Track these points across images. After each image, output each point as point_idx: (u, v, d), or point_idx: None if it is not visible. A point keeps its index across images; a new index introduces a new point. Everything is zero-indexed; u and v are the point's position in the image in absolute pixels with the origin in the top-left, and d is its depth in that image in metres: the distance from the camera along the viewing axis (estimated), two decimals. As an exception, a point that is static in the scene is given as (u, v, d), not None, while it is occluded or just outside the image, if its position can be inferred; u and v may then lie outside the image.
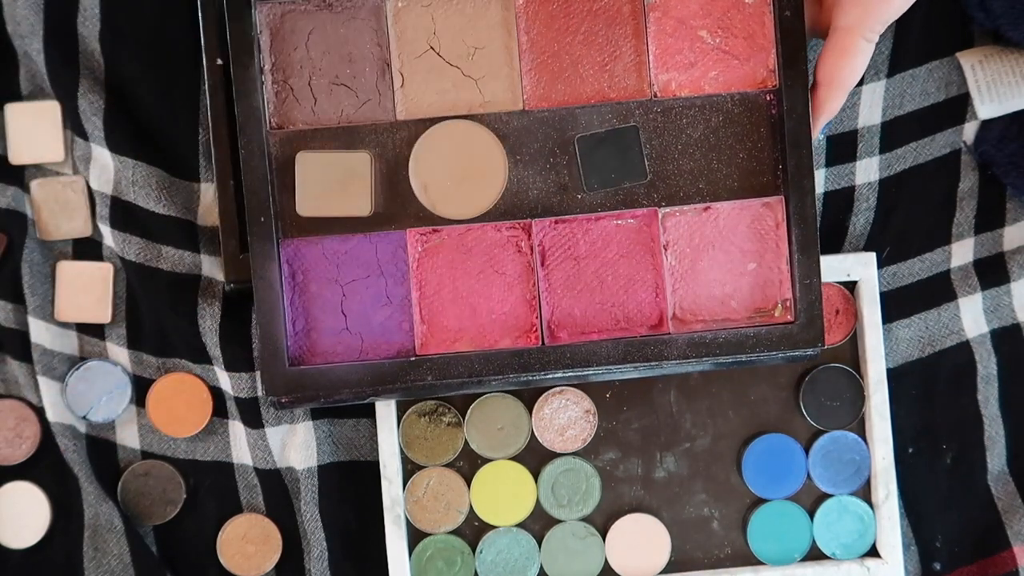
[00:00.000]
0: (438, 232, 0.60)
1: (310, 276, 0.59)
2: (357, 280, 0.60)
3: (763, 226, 0.60)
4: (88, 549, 0.64)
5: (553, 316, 0.60)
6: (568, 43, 0.60)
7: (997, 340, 0.66)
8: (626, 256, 0.60)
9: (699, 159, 0.60)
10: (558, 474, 0.65)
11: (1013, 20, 0.62)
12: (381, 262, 0.60)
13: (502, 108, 0.59)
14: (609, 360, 0.59)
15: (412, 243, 0.60)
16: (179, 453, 0.66)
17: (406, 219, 0.59)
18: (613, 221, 0.60)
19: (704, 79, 0.60)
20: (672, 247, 0.60)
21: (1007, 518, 0.66)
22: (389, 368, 0.59)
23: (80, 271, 0.65)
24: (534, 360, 0.59)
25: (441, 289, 0.60)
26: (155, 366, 0.66)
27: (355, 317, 0.60)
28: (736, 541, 0.65)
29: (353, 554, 0.65)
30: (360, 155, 0.59)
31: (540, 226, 0.60)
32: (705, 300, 0.60)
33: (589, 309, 0.60)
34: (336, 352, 0.59)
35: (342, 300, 0.59)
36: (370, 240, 0.60)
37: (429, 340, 0.60)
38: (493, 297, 0.60)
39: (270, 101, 0.59)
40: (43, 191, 0.65)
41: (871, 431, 0.65)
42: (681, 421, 0.65)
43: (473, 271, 0.60)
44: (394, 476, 0.64)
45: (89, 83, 0.64)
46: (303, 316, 0.59)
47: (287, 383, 0.58)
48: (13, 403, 0.65)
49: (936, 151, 0.66)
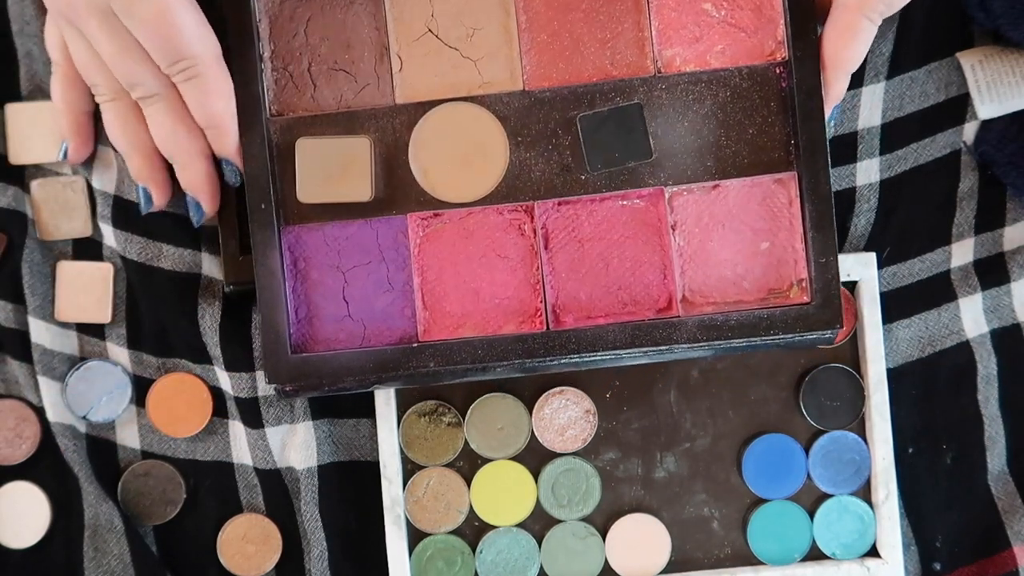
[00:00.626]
0: (439, 216, 0.59)
1: (311, 263, 0.59)
2: (358, 266, 0.59)
3: (775, 204, 0.58)
4: (88, 549, 0.64)
5: (558, 300, 0.59)
6: (568, 20, 0.58)
7: (997, 340, 0.66)
8: (632, 238, 0.58)
9: (706, 136, 0.58)
10: (558, 474, 0.65)
11: (1013, 20, 0.62)
12: (382, 248, 0.59)
13: (502, 89, 0.58)
14: (616, 344, 0.57)
15: (413, 228, 0.59)
16: (179, 453, 0.66)
17: (407, 204, 0.59)
18: (618, 202, 0.58)
19: (710, 53, 0.58)
20: (680, 227, 0.58)
21: (1007, 518, 0.66)
22: (392, 355, 0.58)
23: (80, 271, 0.65)
24: (539, 345, 0.57)
25: (443, 274, 0.59)
26: (155, 366, 0.66)
27: (357, 303, 0.59)
28: (736, 541, 0.65)
29: (353, 554, 0.65)
30: (360, 140, 0.58)
31: (543, 208, 0.58)
32: (716, 282, 0.58)
33: (595, 292, 0.58)
34: (338, 339, 0.59)
35: (344, 287, 0.59)
36: (371, 226, 0.59)
37: (432, 326, 0.59)
38: (496, 282, 0.59)
39: (270, 88, 0.59)
40: (43, 191, 0.65)
41: (871, 431, 0.65)
42: (681, 421, 0.65)
43: (475, 255, 0.59)
44: (394, 476, 0.64)
45: None
46: (305, 303, 0.59)
47: (290, 371, 0.58)
48: (13, 403, 0.65)
49: (936, 152, 0.66)
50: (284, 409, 0.64)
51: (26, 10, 0.64)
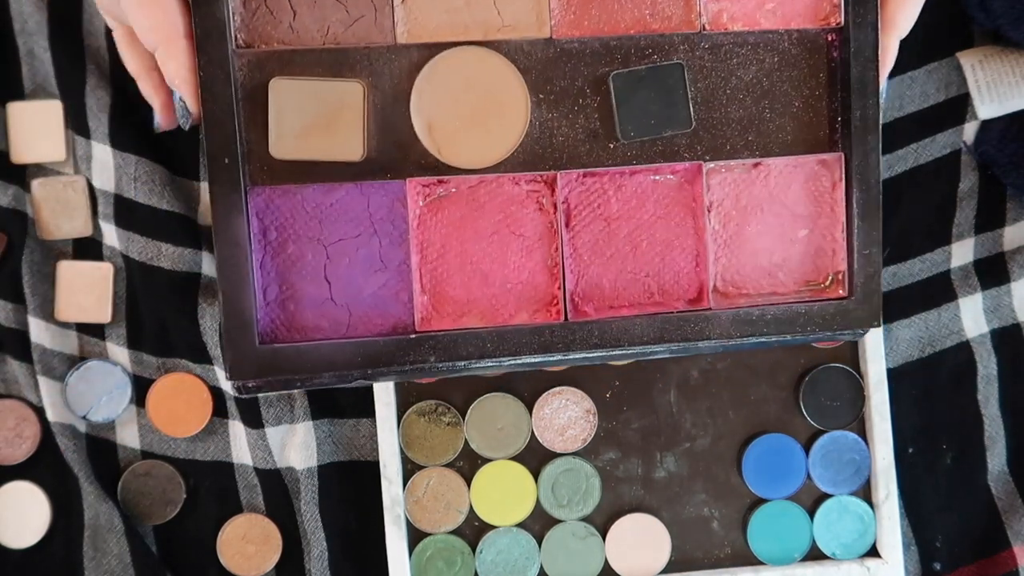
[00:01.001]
0: (444, 183, 0.50)
1: (286, 233, 0.49)
2: (345, 240, 0.50)
3: (818, 187, 0.52)
4: (88, 549, 0.64)
5: (578, 287, 0.51)
6: None
7: (997, 340, 0.66)
8: (664, 218, 0.52)
9: (749, 107, 0.52)
10: (558, 474, 0.65)
11: (1013, 20, 0.62)
12: (374, 218, 0.50)
13: (525, 35, 0.50)
14: (643, 339, 0.51)
15: (413, 196, 0.50)
16: (179, 453, 0.66)
17: (406, 166, 0.50)
18: (650, 176, 0.52)
19: (760, 12, 0.52)
20: (717, 208, 0.52)
21: (1007, 518, 0.66)
22: (384, 347, 0.49)
23: (80, 271, 0.65)
24: (556, 338, 0.50)
25: (447, 252, 0.51)
26: (155, 366, 0.66)
27: (342, 285, 0.50)
28: (736, 541, 0.65)
29: (353, 554, 0.65)
30: (350, 85, 0.49)
31: (566, 180, 0.51)
32: (751, 271, 0.52)
33: (620, 279, 0.52)
34: (318, 327, 0.50)
35: (326, 264, 0.50)
36: (361, 191, 0.50)
37: (432, 314, 0.51)
38: (509, 263, 0.51)
39: (236, 12, 0.48)
40: (44, 190, 0.65)
41: (871, 431, 0.65)
42: (681, 421, 0.65)
43: (485, 232, 0.51)
44: (394, 476, 0.64)
45: (96, 80, 0.64)
46: (277, 283, 0.49)
47: (258, 364, 0.48)
48: (13, 403, 0.65)
49: (936, 151, 0.66)
50: (284, 409, 0.64)
51: (26, 9, 0.64)
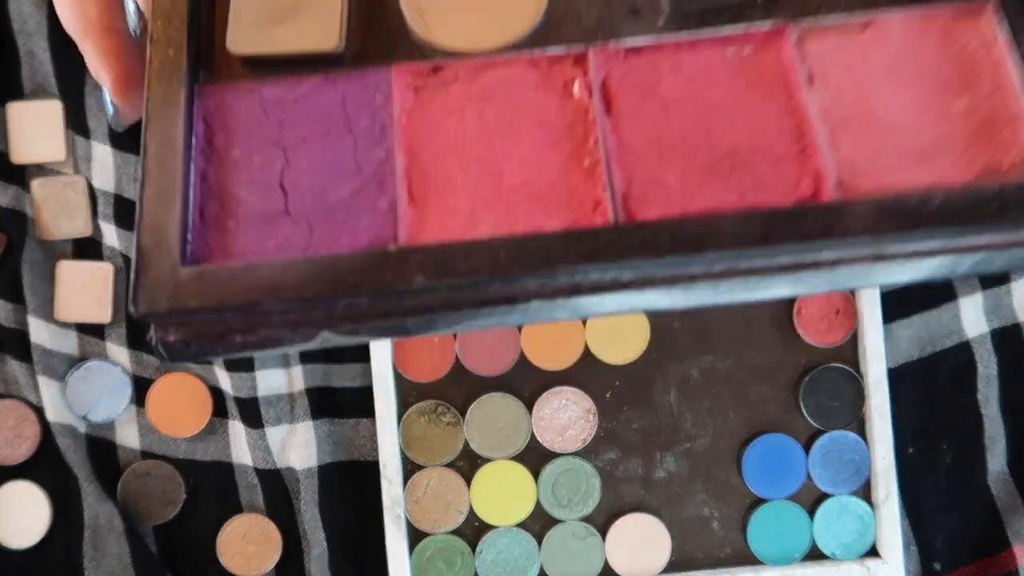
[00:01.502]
0: (441, 72, 0.39)
1: (235, 137, 0.38)
2: (310, 141, 0.38)
3: (965, 48, 0.39)
4: (88, 549, 0.64)
5: (632, 187, 0.37)
6: None
7: (997, 340, 0.66)
8: (744, 98, 0.38)
9: None
10: (558, 474, 0.65)
11: (1012, 20, 0.62)
12: (350, 116, 0.38)
13: None
14: (740, 241, 0.34)
15: (401, 87, 0.39)
16: (179, 453, 0.66)
17: (392, 55, 0.39)
18: (719, 51, 0.38)
19: None
20: (820, 80, 0.38)
21: (1007, 518, 0.66)
22: (352, 264, 0.34)
23: (80, 271, 0.65)
24: (605, 244, 0.34)
25: (444, 153, 0.38)
26: (155, 366, 0.66)
27: (301, 194, 0.37)
28: (736, 541, 0.65)
29: (353, 554, 0.65)
30: None
31: (602, 57, 0.38)
32: (891, 156, 0.37)
33: (691, 174, 0.37)
34: (265, 248, 0.37)
35: (283, 169, 0.38)
36: (335, 85, 0.39)
37: (421, 226, 0.37)
38: (530, 159, 0.37)
39: None
40: (44, 190, 0.65)
41: (871, 431, 0.65)
42: (681, 421, 0.65)
43: (496, 127, 0.38)
44: (394, 476, 0.64)
45: (96, 80, 0.64)
46: (217, 197, 0.37)
47: (178, 290, 0.34)
48: (13, 403, 0.65)
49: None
50: (284, 409, 0.64)
51: (26, 9, 0.64)
